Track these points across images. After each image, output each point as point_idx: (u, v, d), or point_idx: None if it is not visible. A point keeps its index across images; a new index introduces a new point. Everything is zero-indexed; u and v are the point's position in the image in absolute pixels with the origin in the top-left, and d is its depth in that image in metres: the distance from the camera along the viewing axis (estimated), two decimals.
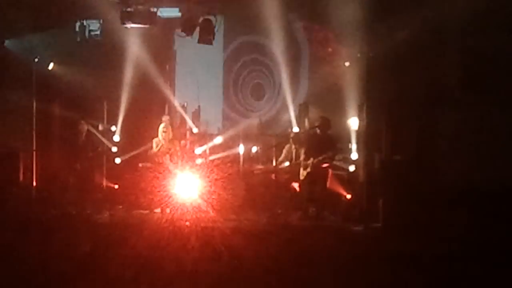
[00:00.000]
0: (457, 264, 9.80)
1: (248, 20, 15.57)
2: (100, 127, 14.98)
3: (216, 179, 14.48)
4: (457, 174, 12.04)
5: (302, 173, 12.99)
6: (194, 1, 14.37)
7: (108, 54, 14.94)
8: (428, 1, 11.89)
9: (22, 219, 12.23)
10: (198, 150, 14.77)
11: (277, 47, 15.15)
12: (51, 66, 14.67)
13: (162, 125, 13.54)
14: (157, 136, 13.53)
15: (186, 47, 16.01)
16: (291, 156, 13.57)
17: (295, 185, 13.36)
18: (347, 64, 14.28)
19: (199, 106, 16.51)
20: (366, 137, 12.97)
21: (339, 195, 12.84)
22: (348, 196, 12.84)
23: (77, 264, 9.35)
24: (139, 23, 13.76)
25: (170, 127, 13.60)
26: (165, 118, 13.97)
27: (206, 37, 14.26)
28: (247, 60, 16.93)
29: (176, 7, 14.78)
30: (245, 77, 16.89)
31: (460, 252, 10.17)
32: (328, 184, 12.68)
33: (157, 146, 13.51)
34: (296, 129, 14.21)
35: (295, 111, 15.01)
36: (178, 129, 15.02)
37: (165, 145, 13.55)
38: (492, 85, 12.29)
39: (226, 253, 10.34)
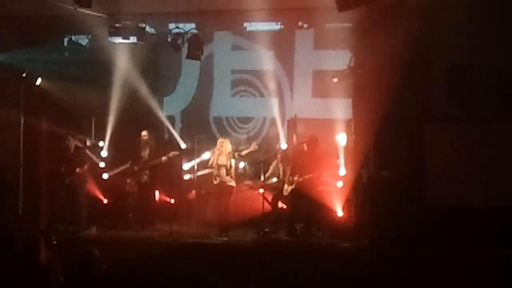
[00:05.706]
0: (444, 282, 9.85)
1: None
2: (88, 143, 14.91)
3: (204, 195, 14.52)
4: (444, 191, 12.06)
5: (287, 189, 12.95)
6: (183, 16, 14.42)
7: (96, 69, 14.89)
8: (415, 19, 11.92)
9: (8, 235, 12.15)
10: (186, 166, 14.74)
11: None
12: (38, 81, 14.59)
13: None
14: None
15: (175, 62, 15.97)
16: (278, 173, 13.52)
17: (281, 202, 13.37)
18: (335, 80, 14.30)
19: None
20: (354, 153, 12.97)
21: (327, 212, 12.78)
22: (340, 214, 12.77)
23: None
24: (127, 38, 13.74)
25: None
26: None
27: (195, 52, 14.25)
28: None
29: (165, 22, 14.86)
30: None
31: (448, 270, 10.20)
32: (314, 200, 12.58)
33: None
34: (284, 145, 14.17)
35: (283, 126, 14.95)
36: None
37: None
38: (480, 101, 12.33)
39: (212, 270, 10.33)
